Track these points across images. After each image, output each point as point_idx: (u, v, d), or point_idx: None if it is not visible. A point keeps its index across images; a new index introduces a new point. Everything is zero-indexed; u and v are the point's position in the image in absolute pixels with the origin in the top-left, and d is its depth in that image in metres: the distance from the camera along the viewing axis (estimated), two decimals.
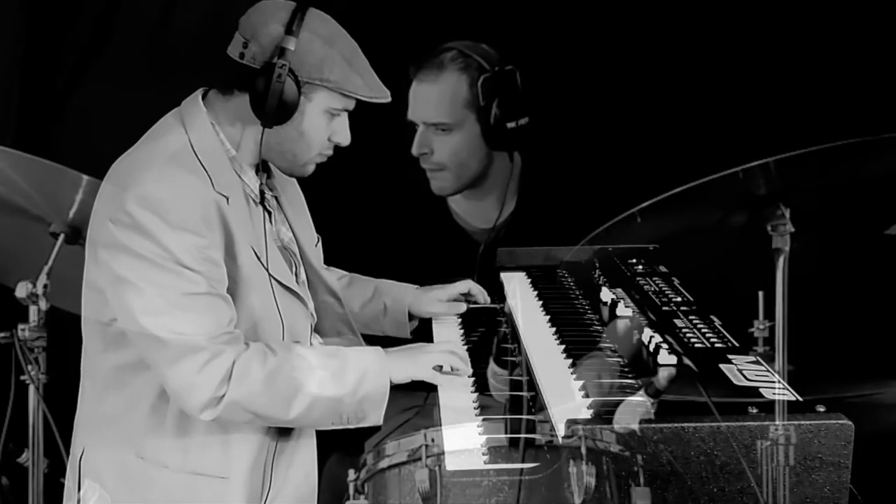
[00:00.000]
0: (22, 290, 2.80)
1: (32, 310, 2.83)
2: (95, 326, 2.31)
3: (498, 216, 3.24)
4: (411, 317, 2.80)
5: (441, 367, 2.36)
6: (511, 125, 3.11)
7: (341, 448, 3.02)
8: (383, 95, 2.32)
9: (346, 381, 2.24)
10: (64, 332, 2.80)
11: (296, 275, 2.46)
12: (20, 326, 2.83)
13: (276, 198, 2.48)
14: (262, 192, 2.37)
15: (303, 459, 2.38)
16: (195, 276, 2.18)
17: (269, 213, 2.43)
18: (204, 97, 2.34)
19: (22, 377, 2.84)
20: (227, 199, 2.26)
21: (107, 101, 3.62)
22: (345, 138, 2.36)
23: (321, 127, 2.32)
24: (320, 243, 2.63)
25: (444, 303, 2.80)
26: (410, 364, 2.34)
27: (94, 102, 3.66)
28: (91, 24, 3.67)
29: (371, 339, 2.71)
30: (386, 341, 2.62)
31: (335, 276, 2.79)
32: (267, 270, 2.30)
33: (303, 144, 2.32)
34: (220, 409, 2.19)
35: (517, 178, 3.24)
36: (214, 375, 2.17)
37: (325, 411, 2.24)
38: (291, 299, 2.37)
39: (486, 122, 3.11)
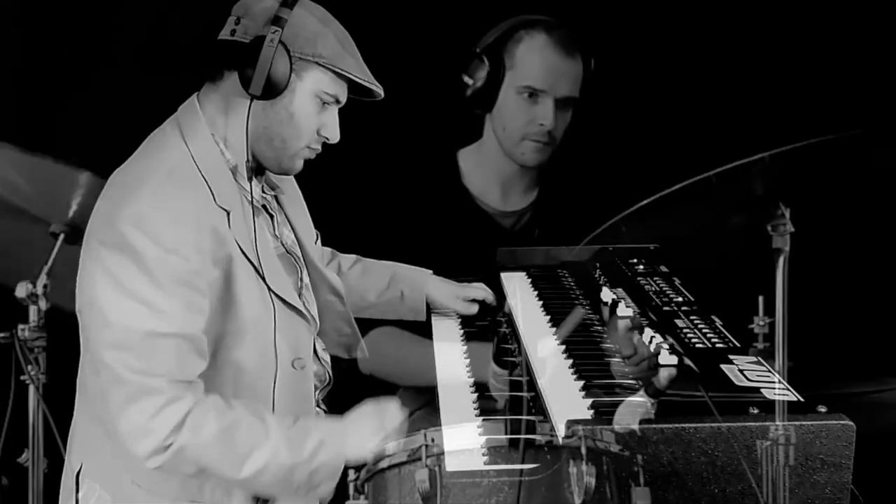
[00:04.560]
0: (22, 290, 2.81)
1: (32, 310, 2.84)
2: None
3: (522, 201, 3.22)
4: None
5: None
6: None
7: None
8: (374, 83, 2.28)
9: (302, 449, 2.13)
10: (64, 332, 2.79)
11: (300, 279, 2.43)
12: (20, 326, 2.83)
13: (276, 197, 2.44)
14: (263, 197, 2.34)
15: None
16: (169, 313, 2.10)
17: (272, 217, 2.39)
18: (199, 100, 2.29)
19: (22, 377, 2.85)
20: (229, 214, 2.20)
21: (107, 97, 3.62)
22: (334, 134, 2.31)
23: (311, 112, 2.26)
24: (319, 240, 2.61)
25: (459, 301, 2.81)
26: (366, 439, 2.14)
27: (93, 100, 3.66)
28: (91, 21, 3.67)
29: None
30: None
31: (347, 264, 2.79)
32: (267, 287, 2.24)
33: (292, 128, 2.25)
34: (167, 456, 2.09)
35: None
36: (168, 422, 2.08)
37: (275, 477, 2.13)
38: (290, 314, 2.31)
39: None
